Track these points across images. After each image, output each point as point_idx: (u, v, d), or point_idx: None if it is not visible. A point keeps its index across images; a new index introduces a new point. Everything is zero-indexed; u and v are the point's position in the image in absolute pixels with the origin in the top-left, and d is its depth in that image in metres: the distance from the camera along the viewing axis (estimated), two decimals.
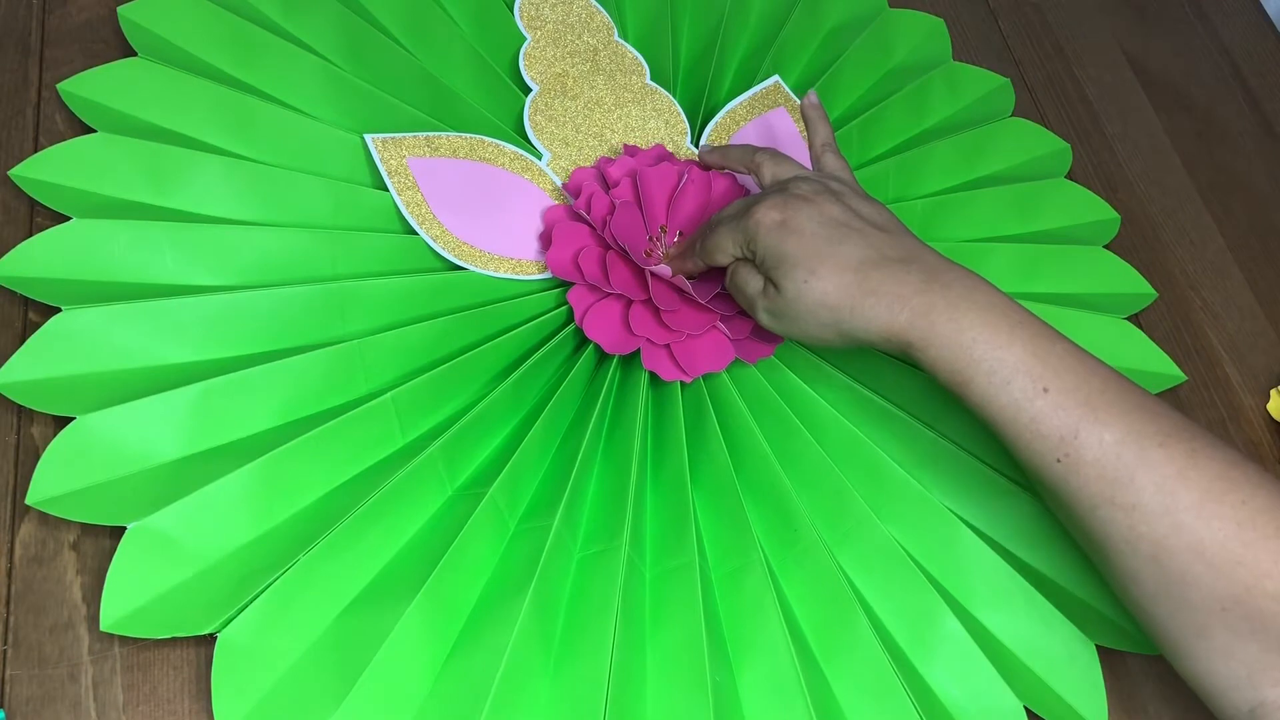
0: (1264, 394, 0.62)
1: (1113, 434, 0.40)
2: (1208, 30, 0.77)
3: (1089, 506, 0.40)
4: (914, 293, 0.43)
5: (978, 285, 0.43)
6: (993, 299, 0.43)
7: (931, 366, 0.43)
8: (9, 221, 0.50)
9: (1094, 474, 0.40)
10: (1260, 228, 0.68)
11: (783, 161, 0.51)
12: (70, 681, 0.42)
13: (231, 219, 0.50)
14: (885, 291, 0.43)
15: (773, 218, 0.46)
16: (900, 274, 0.44)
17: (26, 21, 0.56)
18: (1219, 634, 0.39)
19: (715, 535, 0.49)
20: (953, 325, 0.42)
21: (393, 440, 0.48)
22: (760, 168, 0.52)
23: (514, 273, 0.54)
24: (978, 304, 0.42)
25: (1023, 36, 0.73)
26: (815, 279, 0.44)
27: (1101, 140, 0.70)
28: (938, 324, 0.42)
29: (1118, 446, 0.40)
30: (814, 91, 0.55)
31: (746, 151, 0.53)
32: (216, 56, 0.54)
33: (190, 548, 0.43)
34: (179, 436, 0.45)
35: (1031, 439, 0.41)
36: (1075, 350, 0.42)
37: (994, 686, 0.47)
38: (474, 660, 0.43)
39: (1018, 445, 0.42)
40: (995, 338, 0.41)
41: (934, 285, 0.43)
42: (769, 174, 0.51)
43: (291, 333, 0.49)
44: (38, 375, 0.45)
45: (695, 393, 0.53)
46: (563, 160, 0.57)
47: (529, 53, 0.60)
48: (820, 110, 0.54)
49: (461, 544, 0.45)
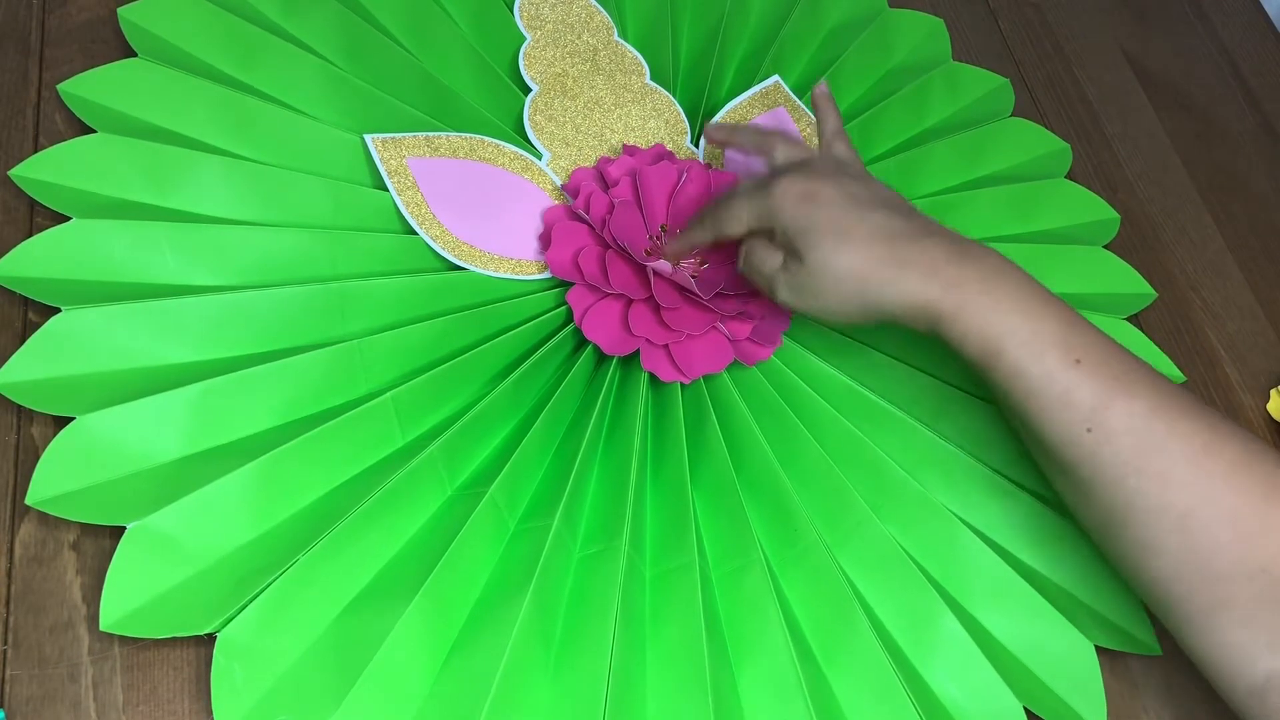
0: (1264, 394, 0.62)
1: (1143, 405, 0.41)
2: (1208, 30, 0.76)
3: (1117, 477, 0.41)
4: (946, 264, 0.43)
5: (1006, 262, 0.44)
6: (1021, 276, 0.44)
7: (961, 338, 0.43)
8: (9, 221, 0.50)
9: (1127, 443, 0.41)
10: (1260, 228, 0.68)
11: (796, 145, 0.52)
12: (70, 681, 0.42)
13: (231, 219, 0.50)
14: (917, 262, 0.44)
15: (799, 188, 0.46)
16: (932, 247, 0.44)
17: (26, 21, 0.56)
18: (1241, 603, 0.39)
19: (715, 535, 0.49)
20: (988, 297, 0.42)
21: (392, 440, 0.48)
22: (774, 149, 0.52)
23: (514, 273, 0.54)
24: (1010, 279, 0.43)
25: (1023, 36, 0.73)
26: (846, 247, 0.45)
27: (1101, 140, 0.70)
28: (971, 295, 0.43)
29: (1149, 417, 0.40)
30: (825, 81, 0.55)
31: (757, 133, 0.53)
32: (216, 57, 0.54)
33: (190, 548, 0.43)
34: (179, 436, 0.45)
35: (1062, 408, 0.42)
36: (1099, 331, 0.43)
37: (994, 686, 0.47)
38: (474, 660, 0.43)
39: (1046, 416, 0.42)
40: (1030, 309, 0.42)
41: (967, 259, 0.44)
42: (782, 155, 0.51)
43: (291, 333, 0.49)
44: (38, 375, 0.45)
45: (695, 392, 0.53)
46: (563, 160, 0.57)
47: (529, 52, 0.60)
48: (830, 99, 0.54)
49: (461, 544, 0.45)
